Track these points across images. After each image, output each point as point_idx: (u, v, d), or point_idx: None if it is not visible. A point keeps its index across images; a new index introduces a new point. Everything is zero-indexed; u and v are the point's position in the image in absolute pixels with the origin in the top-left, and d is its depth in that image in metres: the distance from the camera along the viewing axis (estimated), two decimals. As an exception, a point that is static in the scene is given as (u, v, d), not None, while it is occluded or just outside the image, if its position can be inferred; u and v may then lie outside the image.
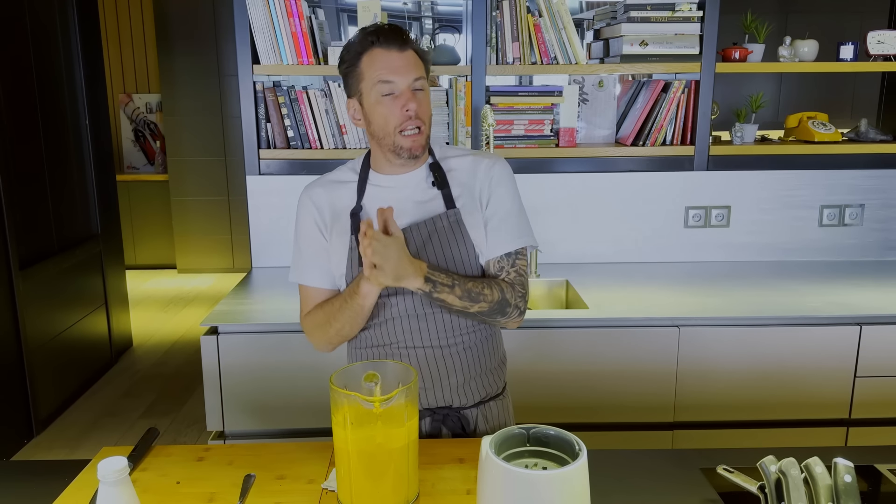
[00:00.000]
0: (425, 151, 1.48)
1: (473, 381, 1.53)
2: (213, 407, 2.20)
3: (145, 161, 6.63)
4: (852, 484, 1.06)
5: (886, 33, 2.67)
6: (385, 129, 1.43)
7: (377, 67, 1.40)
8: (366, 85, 1.42)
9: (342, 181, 1.55)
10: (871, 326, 2.22)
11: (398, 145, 1.43)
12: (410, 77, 1.40)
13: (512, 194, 1.53)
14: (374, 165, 1.54)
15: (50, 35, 3.68)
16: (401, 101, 1.40)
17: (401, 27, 1.43)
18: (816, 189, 2.78)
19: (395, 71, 1.39)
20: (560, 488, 0.99)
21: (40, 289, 3.48)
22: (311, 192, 1.56)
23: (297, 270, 1.57)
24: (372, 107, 1.43)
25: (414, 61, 1.42)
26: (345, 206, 1.51)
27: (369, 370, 1.20)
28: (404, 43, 1.41)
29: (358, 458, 1.14)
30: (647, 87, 2.74)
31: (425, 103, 1.44)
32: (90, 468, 1.36)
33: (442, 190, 1.49)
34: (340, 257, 1.50)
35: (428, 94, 1.46)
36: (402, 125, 1.41)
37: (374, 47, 1.40)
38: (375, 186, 1.52)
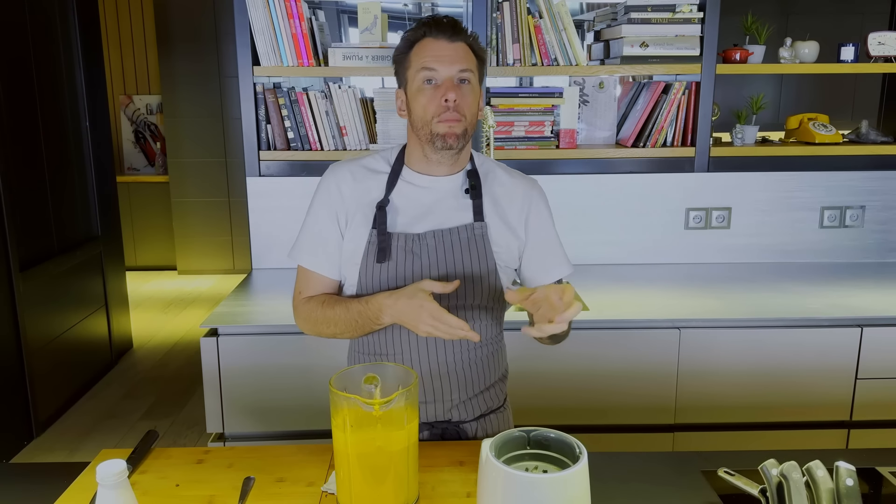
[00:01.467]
0: (461, 145, 1.41)
1: (475, 397, 1.51)
2: (212, 409, 2.20)
3: (146, 162, 6.63)
4: (854, 488, 1.06)
5: (887, 34, 2.67)
6: (423, 118, 1.39)
7: (423, 55, 1.38)
8: (411, 73, 1.40)
9: (374, 170, 1.49)
10: (872, 328, 2.21)
11: (434, 132, 1.39)
12: (455, 67, 1.37)
13: (552, 222, 1.54)
14: (408, 161, 1.49)
15: (50, 37, 3.68)
16: (441, 91, 1.37)
17: (457, 20, 1.39)
18: (817, 190, 2.78)
19: (440, 59, 1.36)
20: (560, 491, 0.98)
21: (40, 290, 3.48)
22: (340, 175, 1.49)
23: (301, 251, 1.51)
24: (414, 95, 1.40)
25: (463, 53, 1.38)
26: (371, 197, 1.46)
27: (369, 372, 1.20)
28: (455, 34, 1.38)
29: (358, 460, 1.13)
30: (648, 89, 2.74)
31: (469, 97, 1.39)
32: (89, 471, 1.36)
33: (475, 200, 1.45)
34: (356, 248, 1.45)
35: (475, 90, 1.41)
36: (441, 114, 1.37)
37: (425, 37, 1.38)
38: (407, 183, 1.47)
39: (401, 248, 1.42)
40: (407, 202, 1.44)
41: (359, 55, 2.57)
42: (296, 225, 2.71)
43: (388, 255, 1.41)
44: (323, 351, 2.17)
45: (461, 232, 1.43)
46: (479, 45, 1.43)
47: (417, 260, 1.42)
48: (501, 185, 1.50)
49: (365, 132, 2.66)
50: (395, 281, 1.42)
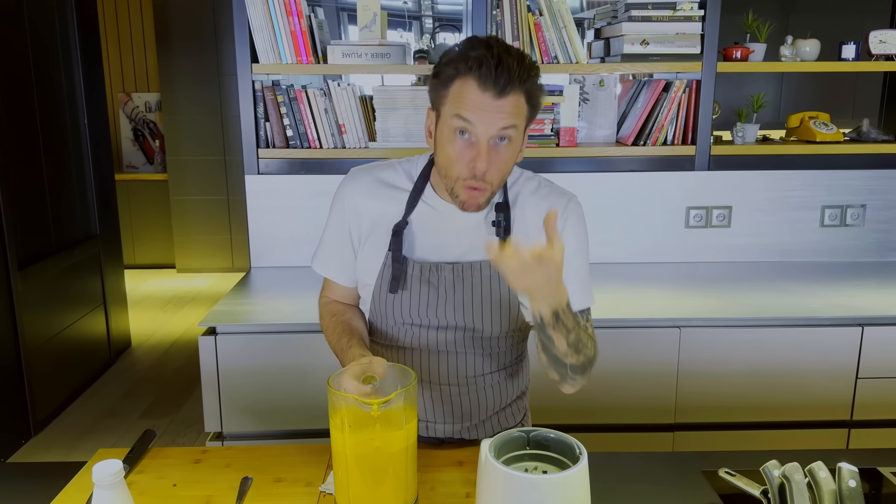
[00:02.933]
0: (484, 207, 1.28)
1: (493, 417, 1.46)
2: (211, 408, 2.19)
3: (144, 160, 6.62)
4: (857, 489, 1.05)
5: (888, 33, 2.66)
6: (448, 170, 1.24)
7: (462, 102, 1.17)
8: (445, 111, 1.21)
9: (394, 186, 1.37)
10: (872, 328, 2.21)
11: (454, 193, 1.25)
12: (496, 127, 1.17)
13: (584, 247, 1.37)
14: (433, 181, 1.35)
15: (49, 35, 3.67)
16: (472, 152, 1.19)
17: (511, 66, 1.16)
18: (818, 189, 2.77)
19: (480, 115, 1.17)
20: (560, 492, 0.97)
21: (39, 289, 3.47)
22: (353, 189, 1.38)
23: (319, 261, 1.46)
24: (442, 139, 1.24)
25: (512, 109, 1.18)
26: (388, 215, 1.35)
27: (367, 373, 1.19)
28: (508, 85, 1.15)
29: (356, 461, 1.13)
30: (648, 87, 2.73)
31: (505, 157, 1.22)
32: (86, 470, 1.35)
33: (500, 236, 1.31)
34: (372, 268, 1.37)
35: (515, 146, 1.23)
36: (466, 180, 1.22)
37: (470, 76, 1.16)
38: (429, 206, 1.34)
39: (416, 278, 1.33)
40: (426, 227, 1.33)
41: (358, 53, 2.56)
42: (295, 223, 2.72)
43: (402, 285, 1.33)
44: (322, 350, 2.15)
45: (483, 269, 1.33)
46: (537, 90, 1.22)
47: (434, 291, 1.33)
48: (533, 208, 1.35)
49: (364, 130, 2.65)
50: (409, 311, 1.35)
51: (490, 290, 1.33)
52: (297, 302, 2.33)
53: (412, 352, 1.41)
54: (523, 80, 1.18)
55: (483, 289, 1.33)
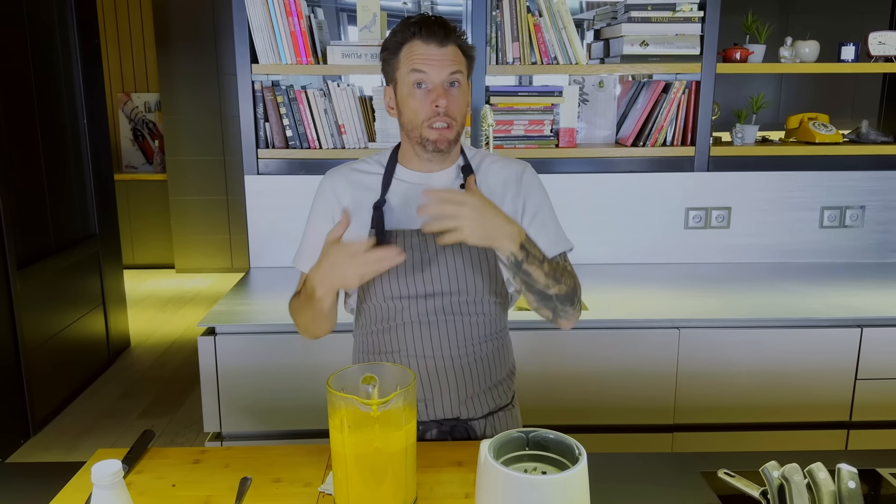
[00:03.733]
0: (452, 148, 1.45)
1: (482, 393, 1.50)
2: (210, 408, 2.19)
3: (144, 160, 6.62)
4: (856, 490, 1.05)
5: (888, 34, 2.66)
6: (414, 121, 1.41)
7: (413, 58, 1.38)
8: (401, 74, 1.40)
9: (368, 172, 1.52)
10: (872, 329, 2.21)
11: (425, 137, 1.41)
12: (445, 71, 1.38)
13: (546, 199, 1.54)
14: (402, 160, 1.51)
15: (48, 34, 3.67)
16: (432, 96, 1.38)
17: (445, 21, 1.40)
18: (817, 190, 2.77)
19: (430, 64, 1.37)
20: (560, 493, 0.97)
21: (38, 289, 3.47)
22: (335, 181, 1.52)
23: (299, 257, 1.55)
24: (404, 98, 1.41)
25: (453, 56, 1.39)
26: (368, 198, 1.49)
27: (367, 373, 1.19)
28: (446, 37, 1.38)
29: (355, 461, 1.12)
30: (648, 88, 2.73)
31: (459, 100, 1.41)
32: (85, 470, 1.35)
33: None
34: None
35: (464, 90, 1.43)
36: (431, 119, 1.39)
37: (414, 38, 1.38)
38: (401, 181, 1.49)
39: (400, 245, 1.44)
40: (403, 200, 1.46)
41: (358, 53, 2.56)
42: (294, 223, 2.70)
43: None
44: (321, 350, 2.16)
45: None
46: (468, 45, 1.44)
47: (417, 254, 1.44)
48: (495, 174, 1.51)
49: (364, 131, 2.65)
50: (398, 280, 1.44)
51: (469, 246, 1.41)
52: (296, 302, 2.32)
53: (404, 327, 1.46)
54: (455, 35, 1.40)
55: (463, 247, 1.43)
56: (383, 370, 1.21)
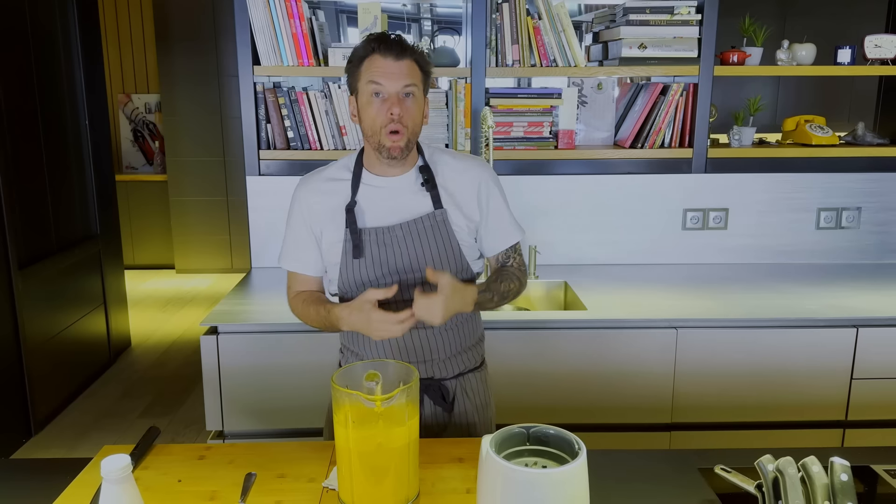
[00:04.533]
0: (406, 153, 1.56)
1: (454, 357, 1.65)
2: (212, 407, 2.21)
3: (144, 161, 6.63)
4: (849, 483, 1.07)
5: (884, 37, 2.69)
6: (372, 127, 1.52)
7: (372, 71, 1.50)
8: (361, 84, 1.53)
9: (337, 178, 1.65)
10: (867, 329, 2.23)
11: (381, 144, 1.53)
12: (400, 83, 1.50)
13: (502, 195, 1.69)
14: (367, 165, 1.63)
15: (50, 35, 3.69)
16: (387, 105, 1.50)
17: (402, 39, 1.53)
18: (814, 192, 2.80)
19: (387, 76, 1.49)
20: (560, 487, 0.99)
21: (39, 288, 3.49)
22: (305, 191, 1.66)
23: (285, 257, 1.72)
24: (363, 106, 1.53)
25: (408, 70, 1.51)
26: (339, 202, 1.61)
27: (370, 370, 1.21)
28: (402, 52, 1.50)
29: (359, 457, 1.15)
30: (646, 90, 2.76)
31: (413, 110, 1.53)
32: (92, 466, 1.37)
33: (431, 192, 1.60)
34: (335, 248, 1.61)
35: (419, 101, 1.54)
36: (386, 125, 1.51)
37: (374, 53, 1.50)
38: (368, 185, 1.62)
39: (373, 242, 1.58)
40: (372, 202, 1.60)
41: (359, 55, 2.58)
42: (295, 224, 2.73)
43: (362, 252, 1.58)
44: (322, 349, 2.18)
45: (424, 221, 1.59)
46: (425, 60, 1.57)
47: (389, 250, 1.58)
48: (452, 170, 1.64)
49: (364, 132, 2.66)
50: (373, 271, 1.58)
51: (434, 237, 1.59)
52: (297, 302, 2.34)
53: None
54: (412, 51, 1.53)
55: (429, 238, 1.59)
56: (386, 368, 1.23)
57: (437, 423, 1.64)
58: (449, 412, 1.64)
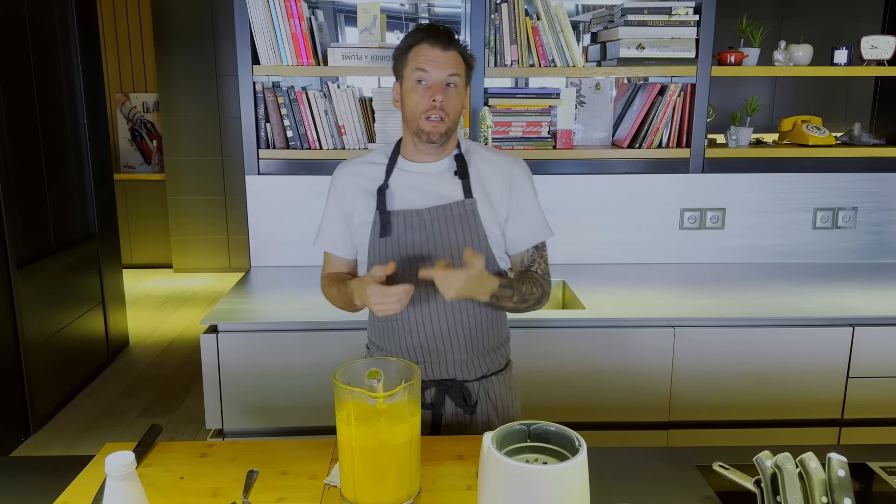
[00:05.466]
0: (444, 140, 1.60)
1: (476, 358, 1.66)
2: (212, 405, 2.22)
3: (142, 160, 6.63)
4: (846, 478, 1.09)
5: (880, 38, 2.70)
6: (413, 112, 1.57)
7: (419, 58, 1.56)
8: (407, 71, 1.58)
9: (374, 163, 1.70)
10: (863, 328, 2.24)
11: (421, 128, 1.58)
12: (445, 72, 1.55)
13: (533, 192, 1.70)
14: (403, 151, 1.68)
15: (49, 34, 3.69)
16: (430, 92, 1.55)
17: (450, 31, 1.58)
18: (810, 192, 2.81)
19: (432, 64, 1.55)
20: (560, 483, 1.00)
21: (38, 287, 3.49)
22: (342, 173, 1.72)
23: (319, 238, 1.76)
24: (407, 91, 1.59)
25: (454, 61, 1.56)
26: (372, 184, 1.66)
27: (372, 367, 1.22)
28: (449, 43, 1.56)
29: (361, 453, 1.16)
30: (644, 90, 2.77)
31: (454, 99, 1.57)
32: (94, 464, 1.38)
33: (462, 180, 1.63)
34: (365, 228, 1.65)
35: (460, 91, 1.59)
36: (428, 112, 1.56)
37: (422, 42, 1.56)
38: (402, 170, 1.66)
39: (401, 224, 1.61)
40: (403, 186, 1.64)
41: (358, 55, 2.59)
42: (294, 223, 2.75)
43: (390, 231, 1.61)
44: (321, 348, 2.19)
45: (454, 208, 1.61)
46: (469, 54, 1.62)
47: (417, 233, 1.60)
48: (485, 162, 1.68)
49: (363, 131, 2.68)
50: (398, 251, 1.61)
51: (462, 225, 1.61)
52: (297, 300, 2.35)
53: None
54: (458, 44, 1.59)
55: (456, 225, 1.61)
56: (388, 365, 1.24)
57: (457, 422, 1.65)
58: (470, 414, 1.65)
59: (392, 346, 1.67)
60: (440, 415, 1.65)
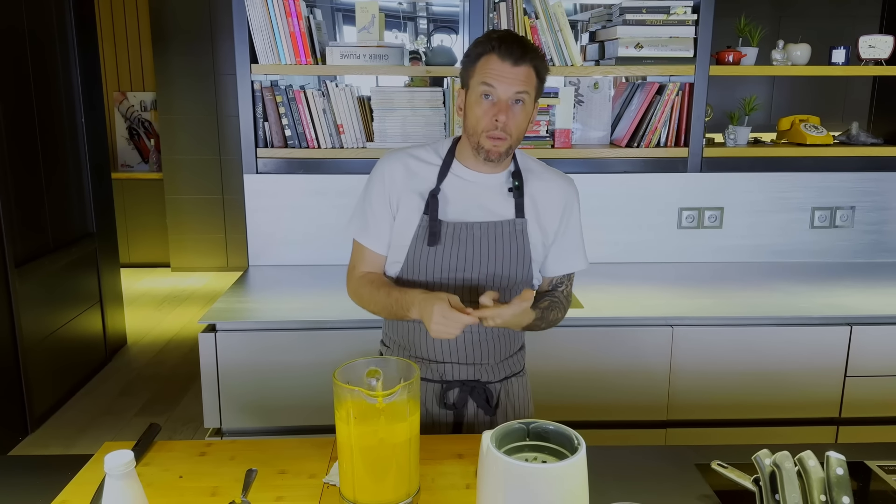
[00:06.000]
0: (503, 158, 1.55)
1: (498, 364, 1.67)
2: (210, 404, 2.22)
3: (139, 159, 6.62)
4: (844, 476, 1.09)
5: (878, 38, 2.71)
6: (475, 127, 1.51)
7: (487, 71, 1.47)
8: (474, 82, 1.50)
9: (425, 161, 1.62)
10: (861, 327, 2.25)
11: (480, 145, 1.52)
12: (512, 90, 1.47)
13: (579, 222, 1.68)
14: (459, 156, 1.61)
15: (46, 33, 3.68)
16: (495, 109, 1.48)
17: (526, 42, 1.49)
18: (808, 191, 2.82)
19: (501, 80, 1.47)
20: (559, 482, 1.01)
21: (36, 286, 3.49)
22: (392, 164, 1.62)
23: (361, 229, 1.64)
24: (471, 104, 1.52)
25: (524, 76, 1.48)
26: (423, 184, 1.59)
27: (371, 366, 1.22)
28: (521, 56, 1.46)
29: (361, 452, 1.16)
30: (642, 90, 2.77)
31: (520, 117, 1.51)
32: (93, 463, 1.38)
33: (517, 199, 1.59)
34: (407, 231, 1.58)
35: (527, 109, 1.52)
36: (490, 130, 1.49)
37: (492, 52, 1.47)
38: (457, 176, 1.60)
39: (449, 235, 1.56)
40: (456, 194, 1.58)
41: (356, 54, 2.59)
42: (293, 222, 2.74)
43: (438, 240, 1.55)
44: (320, 347, 2.19)
45: (505, 226, 1.58)
46: (544, 65, 1.53)
47: (464, 247, 1.56)
48: (542, 181, 1.63)
49: (362, 130, 2.68)
50: (441, 263, 1.56)
51: (509, 244, 1.58)
52: (295, 300, 2.35)
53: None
54: (532, 56, 1.48)
55: (504, 244, 1.58)
56: (387, 364, 1.24)
57: (478, 423, 1.65)
58: (492, 416, 1.65)
59: (417, 346, 1.64)
60: (462, 416, 1.64)
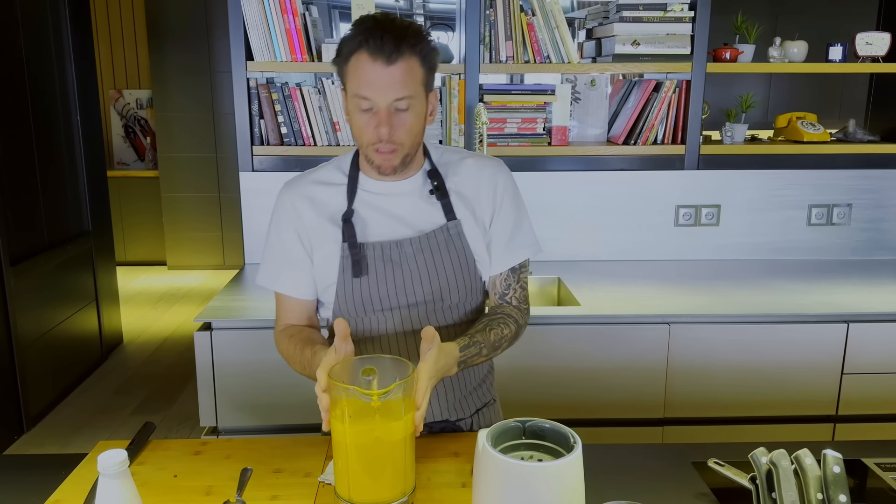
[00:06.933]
0: (400, 170, 1.35)
1: (469, 394, 1.51)
2: (206, 403, 2.21)
3: (135, 157, 6.60)
4: (841, 475, 1.09)
5: (874, 35, 2.70)
6: (359, 139, 1.32)
7: (359, 78, 1.25)
8: (349, 88, 1.29)
9: (329, 182, 1.42)
10: (858, 324, 2.25)
11: (370, 159, 1.33)
12: (390, 97, 1.25)
13: (517, 204, 1.46)
14: (363, 168, 1.41)
15: (42, 31, 3.67)
16: (375, 121, 1.27)
17: (400, 28, 1.24)
18: (805, 188, 2.82)
19: (376, 87, 1.24)
20: (555, 480, 1.00)
21: (31, 285, 3.47)
22: (293, 194, 1.43)
23: (269, 275, 1.46)
24: (351, 111, 1.31)
25: (403, 76, 1.24)
26: (333, 210, 1.39)
27: (367, 364, 1.21)
28: (395, 51, 1.22)
29: (356, 451, 1.15)
30: (639, 87, 2.77)
31: (409, 122, 1.29)
32: (87, 461, 1.37)
33: (442, 200, 1.39)
34: (330, 265, 1.39)
35: (417, 110, 1.30)
36: (375, 144, 1.29)
37: (363, 49, 1.24)
38: (367, 192, 1.40)
39: (378, 259, 1.37)
40: (372, 212, 1.38)
41: (353, 51, 2.58)
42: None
43: (365, 269, 1.36)
44: (317, 345, 2.18)
45: (438, 235, 1.39)
46: (428, 51, 1.28)
47: (398, 269, 1.37)
48: (465, 169, 1.43)
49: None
50: (378, 293, 1.37)
51: (448, 253, 1.39)
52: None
53: (381, 340, 1.42)
54: (411, 45, 1.25)
55: (442, 254, 1.38)
56: (383, 362, 1.23)
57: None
58: None
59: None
60: None
